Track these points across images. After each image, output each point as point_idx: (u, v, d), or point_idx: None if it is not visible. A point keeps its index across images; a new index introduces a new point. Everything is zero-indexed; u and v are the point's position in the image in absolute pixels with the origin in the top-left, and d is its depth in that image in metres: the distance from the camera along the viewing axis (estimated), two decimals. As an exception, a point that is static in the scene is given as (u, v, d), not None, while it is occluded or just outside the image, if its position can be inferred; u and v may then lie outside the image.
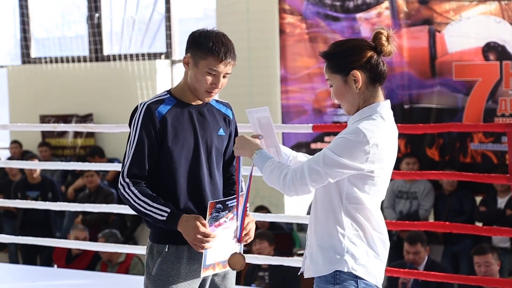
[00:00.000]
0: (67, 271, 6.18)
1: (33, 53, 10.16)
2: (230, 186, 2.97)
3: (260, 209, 7.67)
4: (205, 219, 2.74)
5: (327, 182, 2.50)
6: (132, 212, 3.11)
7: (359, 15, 7.78)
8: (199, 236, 2.71)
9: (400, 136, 2.96)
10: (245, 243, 2.86)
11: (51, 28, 10.66)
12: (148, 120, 2.77)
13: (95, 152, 8.83)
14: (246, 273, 6.50)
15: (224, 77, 2.82)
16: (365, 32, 7.74)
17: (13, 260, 8.18)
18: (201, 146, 2.83)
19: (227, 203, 2.76)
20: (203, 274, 2.79)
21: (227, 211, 2.76)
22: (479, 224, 6.67)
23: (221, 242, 2.78)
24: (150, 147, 2.77)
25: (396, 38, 2.60)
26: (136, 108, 2.83)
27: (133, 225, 8.18)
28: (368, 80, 2.56)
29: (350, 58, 2.56)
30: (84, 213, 7.71)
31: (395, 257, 6.47)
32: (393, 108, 2.65)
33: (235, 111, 3.03)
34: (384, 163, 2.53)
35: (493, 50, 7.10)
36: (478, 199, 7.10)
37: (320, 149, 2.61)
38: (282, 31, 8.11)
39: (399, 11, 7.61)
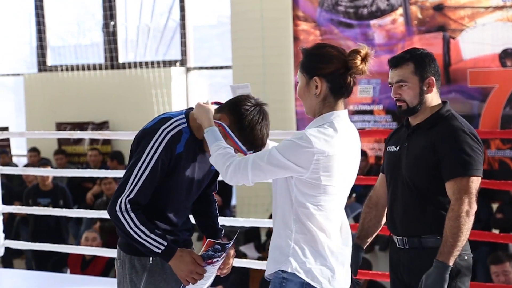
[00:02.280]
0: (82, 278, 6.21)
1: (49, 61, 10.23)
2: (211, 204, 3.01)
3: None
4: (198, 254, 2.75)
5: (268, 179, 2.57)
6: None
7: (373, 22, 7.78)
8: (193, 273, 2.72)
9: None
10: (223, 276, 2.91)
11: (66, 36, 10.74)
12: (168, 152, 2.69)
13: (114, 157, 8.85)
14: (262, 282, 6.50)
15: None
16: (379, 39, 7.74)
17: (30, 267, 8.23)
18: (195, 183, 2.82)
19: (226, 245, 2.78)
20: None
21: (223, 252, 2.79)
22: (496, 231, 6.63)
23: (207, 276, 2.80)
24: (160, 177, 2.71)
25: (374, 57, 2.61)
26: (154, 131, 2.71)
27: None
28: (328, 90, 2.58)
29: (317, 64, 2.59)
30: (102, 220, 7.74)
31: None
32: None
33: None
34: (333, 173, 2.53)
35: (510, 56, 7.07)
36: (495, 206, 7.05)
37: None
38: (296, 38, 8.12)
39: (413, 18, 7.60)
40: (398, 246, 3.06)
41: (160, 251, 2.69)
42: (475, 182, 2.89)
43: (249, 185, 2.59)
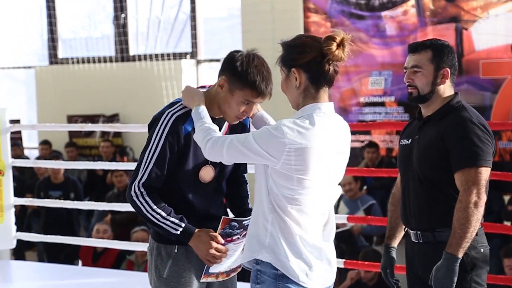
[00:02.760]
0: (94, 270, 6.24)
1: (60, 54, 10.26)
2: (241, 186, 2.99)
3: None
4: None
5: (242, 161, 2.62)
6: None
7: (384, 13, 7.75)
8: (212, 251, 2.72)
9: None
10: None
11: (77, 28, 10.75)
12: (174, 133, 2.72)
13: (123, 153, 8.87)
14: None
15: (257, 105, 2.80)
16: (391, 30, 7.70)
17: (41, 259, 8.27)
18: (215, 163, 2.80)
19: (243, 222, 2.77)
20: (203, 280, 2.80)
21: (242, 229, 2.78)
22: (508, 223, 6.60)
23: (230, 255, 2.79)
24: (170, 160, 2.73)
25: (352, 43, 2.56)
26: (161, 115, 2.76)
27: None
28: (308, 81, 2.54)
29: (293, 55, 2.55)
30: (113, 212, 7.77)
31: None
32: (418, 107, 2.64)
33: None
34: (307, 166, 2.48)
35: (523, 47, 7.03)
36: (507, 198, 7.03)
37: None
38: (307, 30, 8.09)
39: (425, 9, 7.56)
40: (412, 240, 3.04)
41: (178, 232, 2.71)
42: (484, 173, 2.86)
43: (226, 163, 2.63)
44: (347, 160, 2.65)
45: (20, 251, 8.22)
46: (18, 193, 5.76)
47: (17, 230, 5.41)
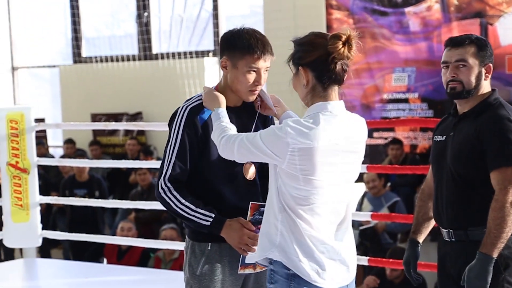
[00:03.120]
0: (118, 267, 6.27)
1: (84, 53, 10.33)
2: None
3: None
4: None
5: (252, 160, 2.61)
6: None
7: (408, 9, 7.69)
8: (244, 239, 2.72)
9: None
10: None
11: (101, 27, 10.82)
12: (191, 124, 2.75)
13: (147, 153, 8.89)
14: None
15: (265, 72, 2.79)
16: (414, 26, 7.65)
17: (67, 257, 8.34)
18: None
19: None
20: (240, 271, 2.80)
21: None
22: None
23: None
24: (191, 151, 2.75)
25: (360, 42, 2.55)
26: (177, 110, 2.81)
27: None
28: (315, 79, 2.53)
29: (300, 54, 2.55)
30: (137, 210, 7.81)
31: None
32: (442, 103, 2.60)
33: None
34: (314, 165, 2.45)
35: (547, 42, 6.94)
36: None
37: (369, 145, 2.59)
38: (329, 27, 8.06)
39: (449, 4, 7.49)
40: (445, 239, 2.99)
41: (208, 223, 2.72)
42: None
43: (238, 162, 2.63)
44: (361, 159, 2.61)
45: (46, 249, 8.29)
46: (43, 191, 5.80)
47: (43, 228, 5.45)
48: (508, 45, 7.10)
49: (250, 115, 2.87)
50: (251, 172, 2.80)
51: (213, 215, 2.73)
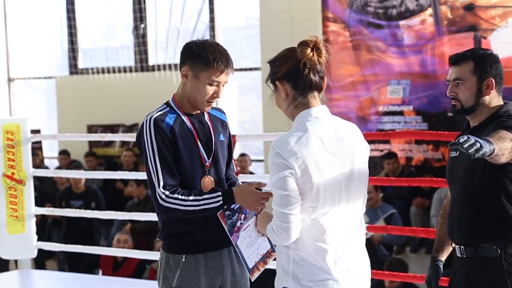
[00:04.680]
0: (114, 279, 6.26)
1: (80, 64, 10.35)
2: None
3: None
4: (226, 231, 2.81)
5: (300, 210, 2.45)
6: None
7: (402, 23, 7.73)
8: (259, 200, 2.73)
9: (445, 143, 2.93)
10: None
11: (97, 38, 10.84)
12: (160, 132, 2.78)
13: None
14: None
15: (223, 85, 2.86)
16: (408, 39, 7.69)
17: (62, 268, 8.32)
18: (205, 155, 2.87)
19: (231, 206, 2.81)
20: (253, 278, 2.84)
21: (236, 214, 2.82)
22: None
23: (251, 242, 2.83)
24: (170, 154, 2.78)
25: (328, 45, 2.57)
26: (142, 126, 2.83)
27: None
28: (293, 90, 2.55)
29: (274, 69, 2.59)
30: (133, 221, 7.81)
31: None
32: (436, 116, 2.60)
33: (278, 119, 3.08)
34: (309, 170, 2.44)
35: (541, 56, 6.98)
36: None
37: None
38: (325, 39, 8.08)
39: (443, 18, 7.53)
40: (457, 255, 2.94)
41: (221, 201, 2.74)
42: None
43: (296, 236, 2.45)
44: (363, 158, 2.58)
45: (41, 261, 8.28)
46: (38, 202, 5.80)
47: (38, 240, 5.45)
48: (501, 59, 7.03)
49: (211, 122, 2.94)
50: (209, 186, 2.86)
51: (219, 193, 2.75)
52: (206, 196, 2.74)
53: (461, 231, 2.90)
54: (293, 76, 2.53)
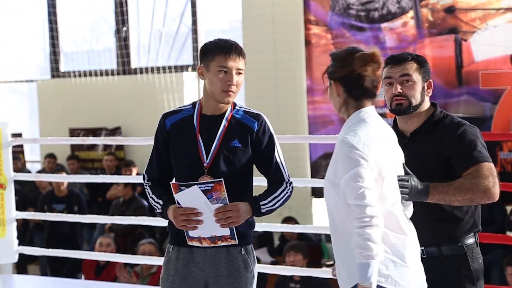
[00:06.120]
0: (96, 283, 6.23)
1: (62, 67, 10.29)
2: (268, 188, 3.00)
3: (288, 220, 7.67)
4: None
5: (377, 201, 2.51)
6: (161, 224, 3.22)
7: (384, 25, 7.77)
8: (180, 217, 2.82)
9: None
10: (227, 226, 2.85)
11: (79, 41, 10.79)
12: (160, 129, 2.98)
13: (128, 164, 8.86)
14: (276, 285, 6.49)
15: (238, 74, 2.88)
16: (390, 42, 7.72)
17: (44, 272, 8.27)
18: (204, 155, 2.89)
19: (190, 185, 2.81)
20: (189, 243, 2.91)
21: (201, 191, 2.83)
22: (511, 234, 6.59)
23: (205, 219, 2.83)
24: (158, 154, 2.98)
25: (381, 57, 2.67)
26: None
27: (162, 237, 8.23)
28: (346, 93, 2.64)
29: (333, 68, 2.68)
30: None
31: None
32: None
33: (261, 122, 3.05)
34: (379, 162, 2.54)
35: (522, 58, 7.05)
36: (509, 208, 7.02)
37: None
38: (307, 42, 8.12)
39: (424, 21, 7.58)
40: (422, 256, 2.90)
41: (160, 210, 2.94)
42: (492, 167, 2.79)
43: (383, 226, 2.49)
44: (403, 158, 2.72)
45: (23, 265, 8.21)
46: (20, 206, 5.76)
47: (19, 244, 5.40)
48: (481, 61, 7.20)
49: (229, 125, 2.93)
50: None
51: (161, 202, 2.93)
52: (156, 199, 2.95)
53: (422, 233, 2.87)
54: (348, 82, 2.63)
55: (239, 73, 2.87)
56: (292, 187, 3.00)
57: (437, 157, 2.86)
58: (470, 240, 2.89)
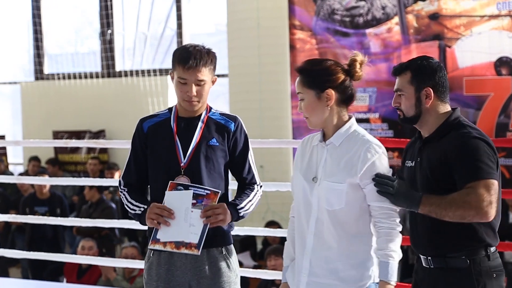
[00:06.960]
0: (78, 286, 6.19)
1: (46, 69, 10.24)
2: (241, 191, 3.00)
3: (271, 224, 7.67)
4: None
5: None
6: (141, 227, 3.16)
7: (368, 31, 7.80)
8: (154, 210, 2.81)
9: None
10: (211, 226, 2.83)
11: (64, 44, 10.75)
12: (137, 133, 2.98)
13: (111, 167, 8.83)
14: (258, 289, 6.48)
15: (198, 85, 2.87)
16: (375, 47, 7.76)
17: (25, 275, 8.21)
18: (181, 155, 2.89)
19: (190, 188, 2.83)
20: (150, 246, 2.88)
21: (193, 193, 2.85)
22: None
23: (176, 223, 2.82)
24: (136, 158, 2.97)
25: (370, 66, 2.87)
26: None
27: (146, 240, 8.21)
28: (338, 100, 2.79)
29: (326, 77, 2.77)
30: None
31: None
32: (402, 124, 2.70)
33: (246, 126, 3.05)
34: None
35: (505, 65, 7.09)
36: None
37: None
38: (292, 47, 8.13)
39: (409, 27, 7.62)
40: (423, 265, 2.91)
41: (140, 212, 2.89)
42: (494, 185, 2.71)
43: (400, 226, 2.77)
44: None
45: (4, 268, 8.15)
46: (1, 209, 5.72)
47: (1, 247, 5.36)
48: (465, 67, 7.25)
49: (205, 126, 2.94)
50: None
51: (145, 206, 2.87)
52: (135, 203, 2.91)
53: (426, 242, 2.88)
54: (344, 88, 2.79)
55: (199, 84, 2.86)
56: (262, 191, 3.06)
57: (439, 168, 2.81)
58: (478, 253, 2.80)
